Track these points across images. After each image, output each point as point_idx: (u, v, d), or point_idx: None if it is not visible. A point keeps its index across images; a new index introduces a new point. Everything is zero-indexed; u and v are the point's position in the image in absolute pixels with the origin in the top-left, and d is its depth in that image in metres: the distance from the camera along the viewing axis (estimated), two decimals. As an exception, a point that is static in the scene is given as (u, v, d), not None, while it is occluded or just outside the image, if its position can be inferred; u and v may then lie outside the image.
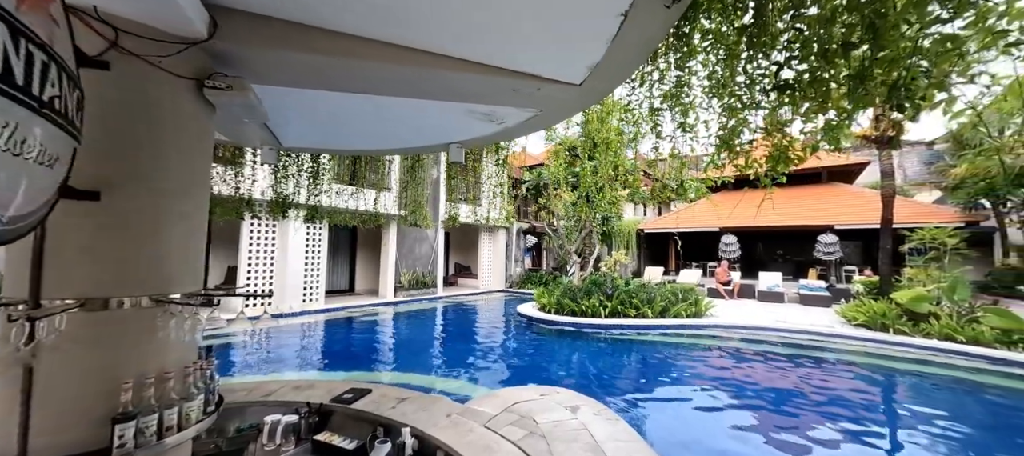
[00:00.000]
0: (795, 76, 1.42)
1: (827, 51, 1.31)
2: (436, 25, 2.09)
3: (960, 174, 12.87)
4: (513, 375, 6.35)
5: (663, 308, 9.09)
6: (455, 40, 2.25)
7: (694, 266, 18.87)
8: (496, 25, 2.10)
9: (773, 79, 1.44)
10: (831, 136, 1.56)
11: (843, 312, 8.65)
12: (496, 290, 16.05)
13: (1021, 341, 6.38)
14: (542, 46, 2.35)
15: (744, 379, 6.39)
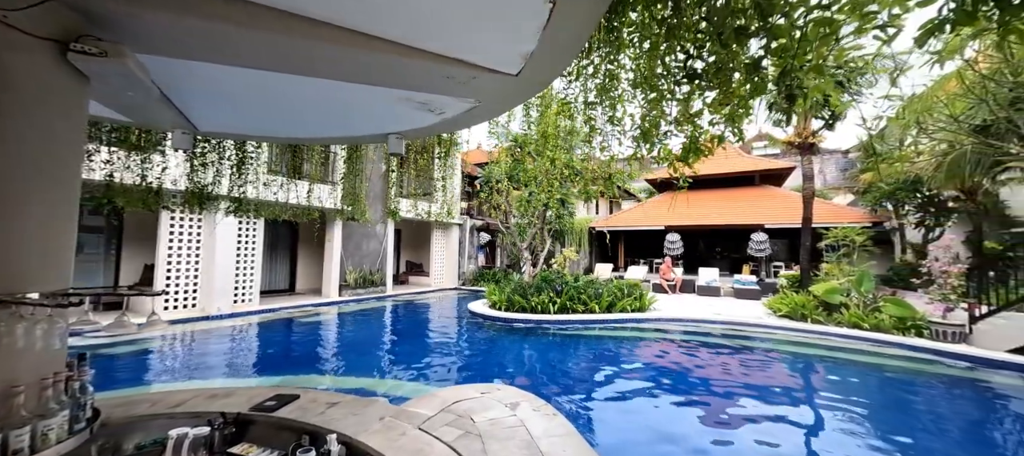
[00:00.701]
0: (704, 67, 1.45)
1: (722, 35, 1.34)
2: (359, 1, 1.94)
3: (868, 180, 14.44)
4: (460, 374, 6.24)
5: (610, 303, 9.37)
6: (382, 20, 2.11)
7: (642, 262, 19.72)
8: (426, 6, 1.99)
9: (684, 69, 1.47)
10: (734, 126, 1.62)
11: (770, 304, 9.39)
12: (449, 288, 15.81)
13: (913, 327, 7.22)
14: (474, 33, 2.27)
15: (682, 367, 6.73)
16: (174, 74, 2.55)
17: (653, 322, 9.21)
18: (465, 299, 12.88)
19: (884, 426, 4.54)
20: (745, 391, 5.52)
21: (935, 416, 5.00)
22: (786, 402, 5.24)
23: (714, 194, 20.16)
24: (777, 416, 4.68)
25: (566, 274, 10.32)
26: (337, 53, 2.25)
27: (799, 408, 5.07)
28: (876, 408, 5.13)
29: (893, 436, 4.23)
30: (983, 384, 5.75)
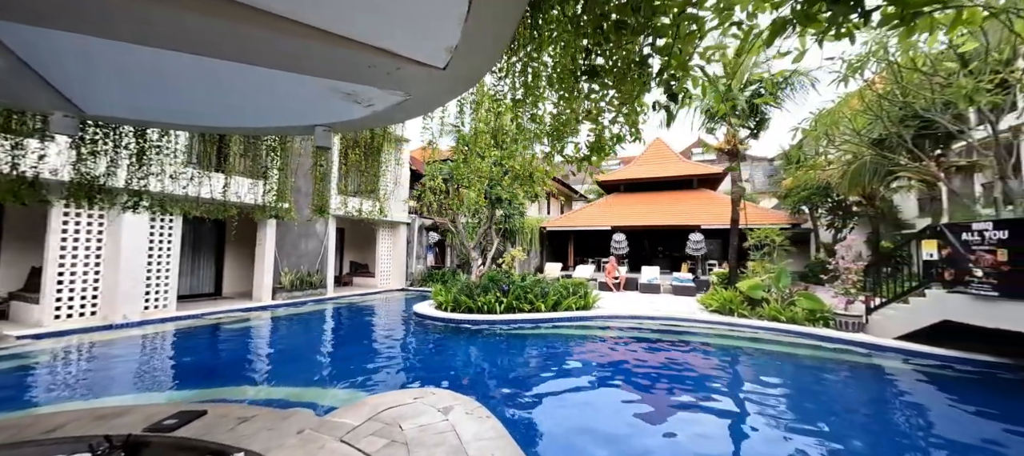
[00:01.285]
0: (602, 64, 1.46)
1: (604, 29, 1.36)
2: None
3: (788, 185, 15.89)
4: (399, 378, 6.01)
5: (555, 302, 9.51)
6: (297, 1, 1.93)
7: (590, 262, 20.30)
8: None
9: (585, 66, 1.47)
10: (632, 126, 1.66)
11: (702, 300, 10.00)
12: (395, 289, 15.29)
13: (821, 319, 8.00)
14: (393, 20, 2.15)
15: (622, 363, 6.96)
16: (46, 45, 2.18)
17: (597, 319, 9.47)
18: (412, 300, 12.51)
19: (798, 409, 5.00)
20: (679, 384, 5.84)
21: (838, 397, 5.55)
22: (716, 392, 5.60)
23: (656, 196, 21.23)
24: (708, 406, 4.99)
25: (514, 274, 10.34)
26: (246, 34, 2.03)
27: (727, 396, 5.44)
28: (792, 393, 5.62)
29: (806, 416, 4.65)
30: (876, 367, 6.48)
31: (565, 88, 1.75)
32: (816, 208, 16.16)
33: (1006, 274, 5.13)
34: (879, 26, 1.17)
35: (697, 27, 1.35)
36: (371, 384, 5.53)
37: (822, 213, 16.39)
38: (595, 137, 1.82)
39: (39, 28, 2.03)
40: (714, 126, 10.72)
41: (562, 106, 1.84)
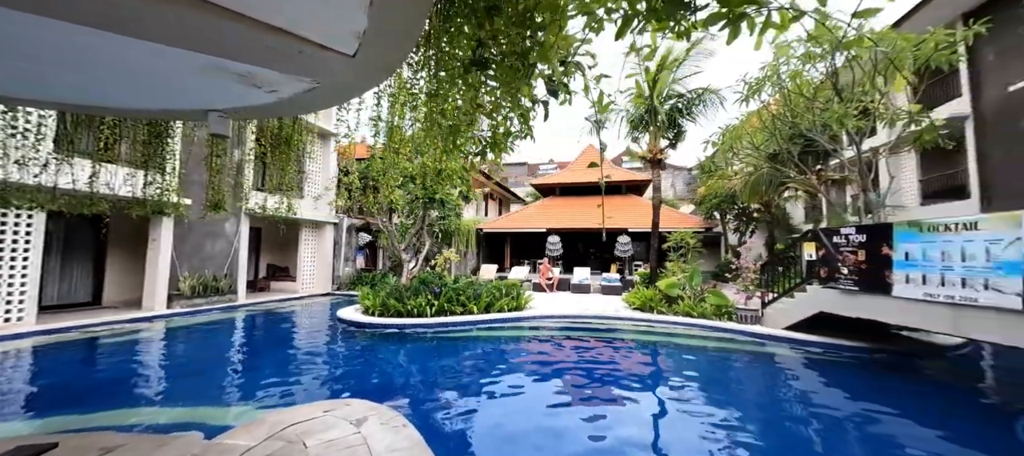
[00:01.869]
0: (490, 55, 1.45)
1: (476, 16, 1.36)
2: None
3: (702, 193, 17.49)
4: (315, 391, 5.56)
5: (488, 303, 9.48)
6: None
7: (526, 263, 20.64)
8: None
9: (478, 55, 1.45)
10: (522, 118, 1.67)
11: (627, 299, 10.60)
12: (320, 294, 14.26)
13: (726, 313, 8.85)
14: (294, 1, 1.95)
15: (552, 361, 7.12)
16: None
17: (529, 320, 9.60)
18: (339, 305, 11.74)
19: (707, 393, 5.52)
20: (606, 379, 6.11)
21: (738, 381, 6.17)
22: (638, 385, 5.99)
23: (589, 200, 22.19)
24: (632, 399, 5.30)
25: (447, 276, 10.14)
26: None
27: (648, 388, 5.83)
28: (701, 380, 6.17)
29: (712, 400, 5.10)
30: (768, 354, 7.31)
31: (465, 81, 1.70)
32: (725, 214, 17.98)
33: (864, 271, 6.07)
34: (705, 24, 1.27)
35: (559, 18, 1.37)
36: (280, 399, 5.04)
37: (730, 218, 18.27)
38: (492, 133, 1.80)
39: None
40: (638, 135, 11.46)
41: (462, 100, 1.78)
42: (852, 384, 5.98)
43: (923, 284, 5.19)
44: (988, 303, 4.46)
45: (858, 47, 8.19)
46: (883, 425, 4.58)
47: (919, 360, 6.80)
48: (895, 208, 13.74)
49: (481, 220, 22.15)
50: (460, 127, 1.83)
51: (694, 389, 5.78)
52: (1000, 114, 11.21)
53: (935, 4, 11.74)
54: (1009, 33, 10.88)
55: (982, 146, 11.74)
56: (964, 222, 4.84)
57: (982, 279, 4.53)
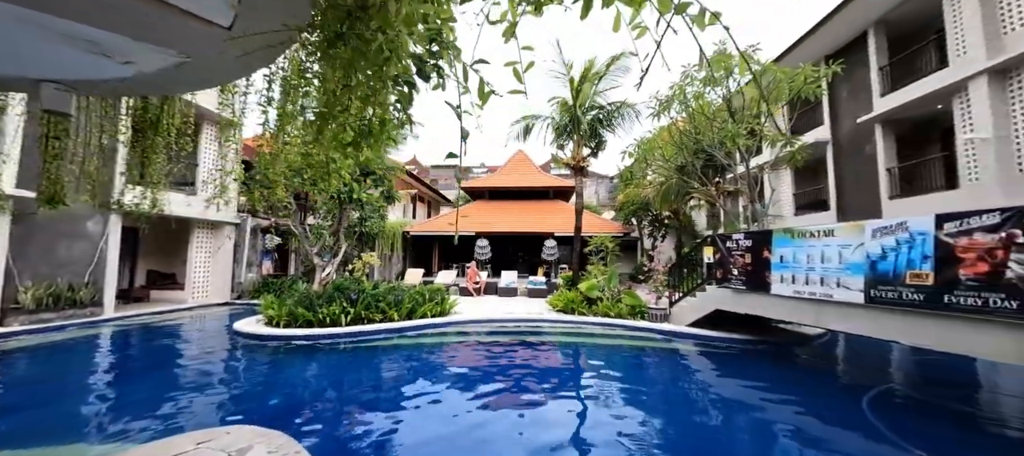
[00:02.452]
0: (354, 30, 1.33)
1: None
2: None
3: (621, 200, 18.70)
4: (199, 419, 4.81)
5: (411, 309, 9.09)
6: None
7: (454, 267, 20.31)
8: None
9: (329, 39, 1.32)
10: (403, 111, 1.57)
11: (550, 301, 10.88)
12: (216, 303, 12.57)
13: (640, 313, 9.47)
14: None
15: (475, 367, 6.99)
16: None
17: (453, 326, 9.38)
18: (239, 316, 10.42)
19: (622, 387, 5.85)
20: (529, 381, 6.17)
21: (651, 374, 6.59)
22: (560, 383, 6.14)
23: (518, 205, 22.55)
24: (554, 398, 5.43)
25: (365, 281, 9.53)
26: None
27: (569, 386, 6.02)
28: (617, 374, 6.53)
29: (627, 393, 5.38)
30: (674, 350, 7.95)
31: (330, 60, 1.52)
32: (641, 220, 19.41)
33: (750, 272, 6.89)
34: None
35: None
36: (146, 432, 4.26)
37: (645, 224, 19.76)
38: (368, 122, 1.64)
39: None
40: (563, 143, 11.90)
41: (331, 82, 1.60)
42: (741, 372, 6.71)
43: (793, 283, 6.01)
44: (841, 299, 5.29)
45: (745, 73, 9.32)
46: (763, 405, 5.22)
47: (795, 348, 7.89)
48: (775, 217, 15.86)
49: (409, 223, 21.37)
50: (332, 113, 1.63)
51: (611, 385, 6.07)
52: (851, 142, 13.52)
53: (805, 46, 13.84)
54: (858, 74, 13.19)
55: (838, 168, 14.06)
56: (824, 229, 5.70)
57: (836, 278, 5.37)
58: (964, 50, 9.81)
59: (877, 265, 4.89)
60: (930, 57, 10.98)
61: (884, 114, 11.79)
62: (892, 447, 3.99)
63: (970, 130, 9.58)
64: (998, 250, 3.84)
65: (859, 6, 12.06)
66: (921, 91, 10.69)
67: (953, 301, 4.13)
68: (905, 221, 4.69)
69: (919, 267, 4.45)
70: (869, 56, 12.62)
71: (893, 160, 11.99)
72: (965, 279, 4.06)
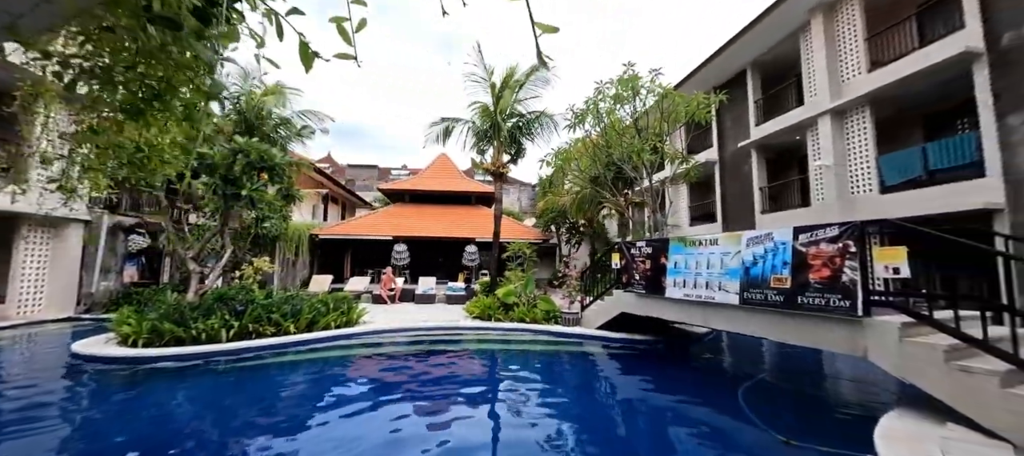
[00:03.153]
0: None
1: None
2: None
3: (541, 208, 19.24)
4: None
5: (311, 320, 8.23)
6: None
7: (369, 273, 19.08)
8: None
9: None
10: (179, 89, 1.32)
11: (467, 308, 10.68)
12: (53, 319, 10.17)
13: (554, 317, 9.70)
14: None
15: (387, 379, 6.54)
16: None
17: (362, 337, 8.70)
18: (84, 333, 8.51)
19: (537, 388, 5.94)
20: (443, 391, 5.91)
21: (563, 376, 6.70)
22: (476, 390, 5.99)
23: (439, 209, 22.00)
24: (469, 406, 5.25)
25: (256, 290, 8.41)
26: None
27: (485, 391, 5.90)
28: (533, 379, 6.58)
29: (542, 393, 5.38)
30: (585, 352, 8.25)
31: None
32: (559, 227, 20.16)
33: (649, 278, 7.44)
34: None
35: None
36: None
37: (563, 231, 20.57)
38: (156, 84, 1.35)
39: None
40: (484, 148, 11.86)
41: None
42: (641, 370, 7.17)
43: (684, 287, 6.60)
44: (722, 301, 5.91)
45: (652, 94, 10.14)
46: (657, 400, 5.66)
47: (689, 346, 8.68)
48: (673, 227, 17.52)
49: (318, 225, 19.60)
50: (114, 69, 1.27)
51: (524, 389, 6.09)
52: (733, 163, 15.48)
53: (700, 76, 15.58)
54: (739, 105, 15.17)
55: (723, 185, 16.00)
56: (709, 238, 6.35)
57: (718, 282, 6.00)
58: (815, 92, 11.80)
59: (750, 271, 5.55)
60: (792, 96, 13.04)
61: (758, 141, 13.70)
62: (757, 430, 4.50)
63: (818, 158, 11.53)
64: (837, 258, 4.56)
65: (738, 48, 13.92)
66: (785, 123, 12.62)
67: (804, 301, 4.81)
68: (771, 232, 5.39)
69: (780, 272, 5.13)
70: (747, 90, 14.61)
71: (764, 180, 13.97)
72: (813, 282, 4.75)
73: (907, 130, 10.96)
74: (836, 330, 4.61)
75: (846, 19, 11.13)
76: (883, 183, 10.02)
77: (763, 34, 13.10)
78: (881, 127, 11.06)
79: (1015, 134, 7.91)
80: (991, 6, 8.37)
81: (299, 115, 11.98)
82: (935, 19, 9.85)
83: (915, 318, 4.04)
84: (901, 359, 4.05)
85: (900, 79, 9.50)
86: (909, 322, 4.10)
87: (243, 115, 10.66)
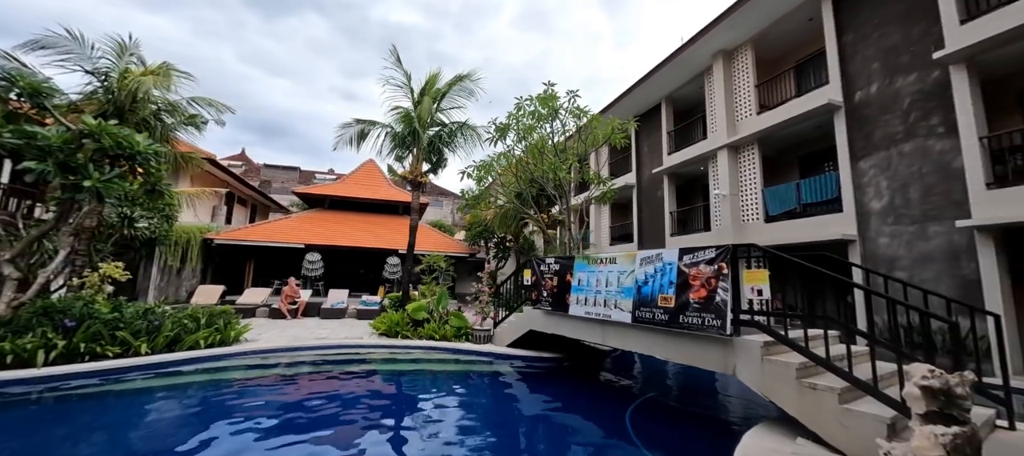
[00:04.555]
0: None
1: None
2: None
3: (469, 221, 18.91)
4: None
5: (174, 338, 7.02)
6: None
7: (276, 284, 17.25)
8: None
9: None
10: None
11: (373, 324, 9.91)
12: None
13: (465, 334, 9.30)
14: None
15: (261, 407, 5.61)
16: None
17: (238, 357, 7.60)
18: None
19: (436, 418, 5.45)
20: (329, 420, 5.19)
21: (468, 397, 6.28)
22: (370, 417, 5.35)
23: (363, 218, 20.73)
24: (353, 432, 4.56)
25: (99, 301, 6.98)
26: None
27: (380, 419, 5.29)
28: (439, 402, 6.13)
29: (447, 417, 4.95)
30: (495, 371, 7.96)
31: None
32: (487, 242, 19.96)
33: (556, 295, 7.40)
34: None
35: None
36: None
37: (491, 246, 20.39)
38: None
39: None
40: (404, 153, 11.32)
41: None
42: (545, 389, 7.03)
43: (586, 305, 6.62)
44: (617, 319, 5.98)
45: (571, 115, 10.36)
46: (557, 420, 5.53)
47: (598, 363, 8.75)
48: (594, 246, 18.13)
49: (216, 228, 17.40)
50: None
51: (420, 416, 5.61)
52: (649, 187, 16.46)
53: (623, 104, 16.47)
54: (655, 134, 16.23)
55: (640, 208, 16.93)
56: (608, 257, 6.45)
57: (615, 301, 6.07)
58: (715, 128, 12.95)
59: (642, 289, 5.67)
60: (699, 130, 14.24)
61: (669, 168, 14.72)
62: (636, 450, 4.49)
63: (717, 188, 12.60)
64: (713, 279, 4.77)
65: (655, 83, 14.98)
66: (692, 154, 13.68)
67: (685, 320, 4.97)
68: (661, 252, 5.56)
69: (667, 292, 5.28)
70: (662, 121, 15.71)
71: (674, 205, 14.99)
72: (692, 302, 4.93)
73: (788, 167, 12.39)
74: (710, 349, 4.79)
75: (741, 66, 12.42)
76: (767, 213, 11.14)
77: (676, 71, 14.22)
78: (768, 163, 12.39)
79: (864, 176, 9.19)
80: (848, 66, 9.78)
81: (190, 102, 10.52)
82: (809, 73, 11.32)
83: (774, 337, 4.29)
84: (763, 377, 4.27)
85: (781, 122, 10.71)
86: (770, 341, 4.35)
87: (112, 96, 9.09)
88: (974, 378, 3.06)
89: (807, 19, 11.08)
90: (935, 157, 8.06)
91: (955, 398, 2.90)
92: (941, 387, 2.93)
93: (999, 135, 7.35)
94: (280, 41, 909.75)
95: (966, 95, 7.47)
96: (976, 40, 7.22)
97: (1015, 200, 6.81)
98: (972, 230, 7.30)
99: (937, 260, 7.85)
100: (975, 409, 3.99)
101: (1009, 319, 6.88)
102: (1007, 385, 3.95)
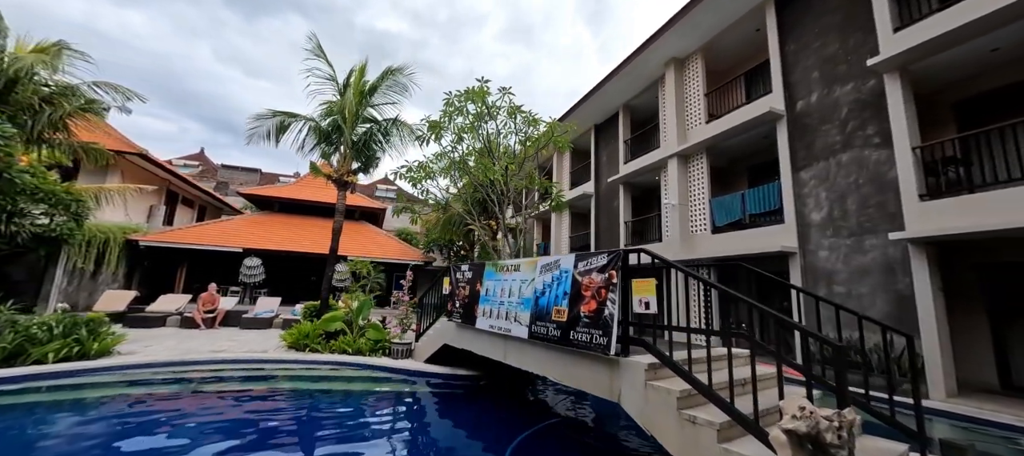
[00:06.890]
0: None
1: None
2: None
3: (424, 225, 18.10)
4: None
5: (12, 352, 6.00)
6: None
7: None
8: None
9: None
10: None
11: (283, 336, 8.99)
12: None
13: (382, 348, 8.46)
14: None
15: (114, 433, 4.67)
16: None
17: (104, 372, 6.60)
18: None
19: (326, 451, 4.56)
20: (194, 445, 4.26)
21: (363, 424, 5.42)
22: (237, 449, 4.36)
23: (314, 222, 19.69)
24: None
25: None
26: None
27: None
28: (327, 432, 5.24)
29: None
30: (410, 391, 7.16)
31: None
32: (442, 248, 19.18)
33: (467, 306, 6.68)
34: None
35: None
36: None
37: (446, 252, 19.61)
38: None
39: None
40: (329, 150, 10.54)
41: None
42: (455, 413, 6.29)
43: (490, 317, 5.92)
44: (516, 334, 5.30)
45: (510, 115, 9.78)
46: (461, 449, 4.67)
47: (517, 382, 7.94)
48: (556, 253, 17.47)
49: (144, 229, 16.14)
50: None
51: (302, 446, 4.72)
52: (606, 197, 16.00)
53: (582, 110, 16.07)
54: (613, 143, 15.85)
55: (598, 217, 16.46)
56: (513, 264, 5.79)
57: (515, 313, 5.40)
58: (667, 137, 12.59)
59: (539, 300, 5.01)
60: (654, 138, 13.90)
61: (624, 177, 14.29)
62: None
63: (667, 198, 12.19)
64: (603, 289, 4.15)
65: (612, 90, 14.65)
66: (646, 162, 13.29)
67: (574, 337, 4.32)
68: (559, 259, 4.93)
69: (561, 303, 4.63)
70: (619, 130, 15.35)
71: (630, 215, 14.55)
72: (583, 316, 4.29)
73: (738, 178, 12.08)
74: (598, 370, 4.15)
75: (692, 74, 12.15)
76: (714, 223, 10.74)
77: (631, 80, 13.90)
78: (719, 174, 12.05)
79: (805, 187, 8.85)
80: (791, 76, 9.52)
81: (91, 87, 9.56)
82: (759, 83, 11.08)
83: (657, 356, 3.67)
84: (645, 405, 3.64)
85: (727, 130, 10.38)
86: (655, 363, 3.73)
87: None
88: (856, 419, 2.48)
89: (755, 29, 10.89)
90: (871, 167, 7.75)
91: (825, 447, 2.31)
92: (808, 432, 2.34)
93: (932, 145, 7.06)
94: (259, 42, 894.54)
95: (900, 104, 7.19)
96: (908, 47, 6.97)
97: (948, 212, 6.48)
98: (906, 243, 6.94)
99: (873, 274, 7.48)
100: (881, 445, 3.44)
101: (943, 337, 6.49)
102: (918, 409, 3.42)
